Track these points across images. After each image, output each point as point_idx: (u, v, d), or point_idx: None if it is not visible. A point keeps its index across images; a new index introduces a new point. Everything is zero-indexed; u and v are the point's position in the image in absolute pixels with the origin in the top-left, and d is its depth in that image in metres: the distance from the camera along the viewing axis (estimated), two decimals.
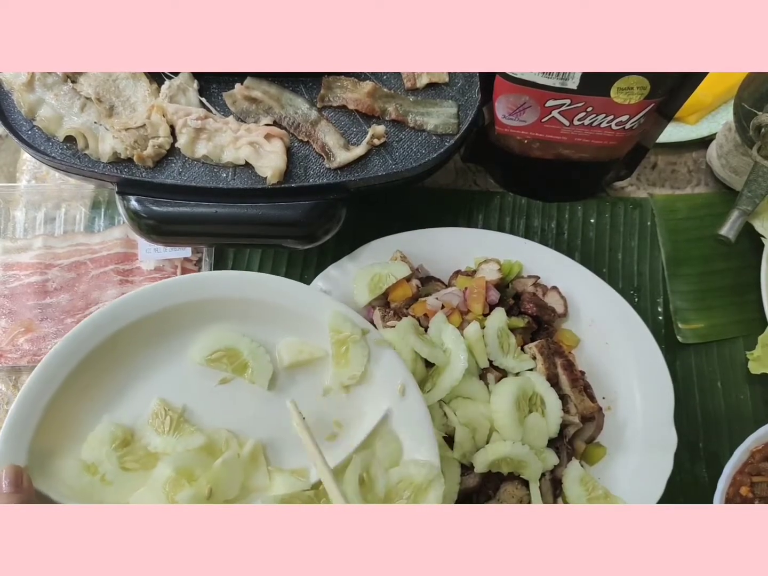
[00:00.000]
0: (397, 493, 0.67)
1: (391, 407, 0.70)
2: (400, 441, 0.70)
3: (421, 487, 0.67)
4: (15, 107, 0.77)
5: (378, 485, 0.67)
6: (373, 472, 0.68)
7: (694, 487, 0.85)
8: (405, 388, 0.70)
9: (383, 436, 0.70)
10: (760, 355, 0.87)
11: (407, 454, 0.69)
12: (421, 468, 0.67)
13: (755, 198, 0.82)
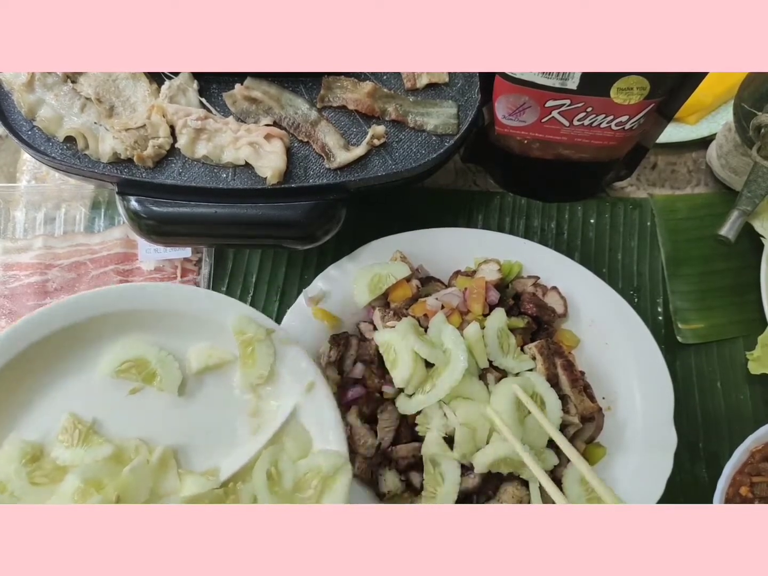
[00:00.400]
0: (306, 483, 0.69)
1: (299, 402, 0.72)
2: (310, 434, 0.72)
3: (328, 476, 0.69)
4: (15, 107, 0.77)
5: (286, 478, 0.69)
6: (282, 465, 0.69)
7: (694, 487, 0.85)
8: (313, 385, 0.72)
9: (292, 431, 0.72)
10: (759, 355, 0.87)
11: (317, 446, 0.71)
12: (327, 457, 0.69)
13: (755, 198, 0.82)
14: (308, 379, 0.72)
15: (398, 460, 0.76)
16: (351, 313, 0.84)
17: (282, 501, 0.68)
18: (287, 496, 0.68)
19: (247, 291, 0.92)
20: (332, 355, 0.80)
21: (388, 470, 0.77)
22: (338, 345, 0.80)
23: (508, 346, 0.79)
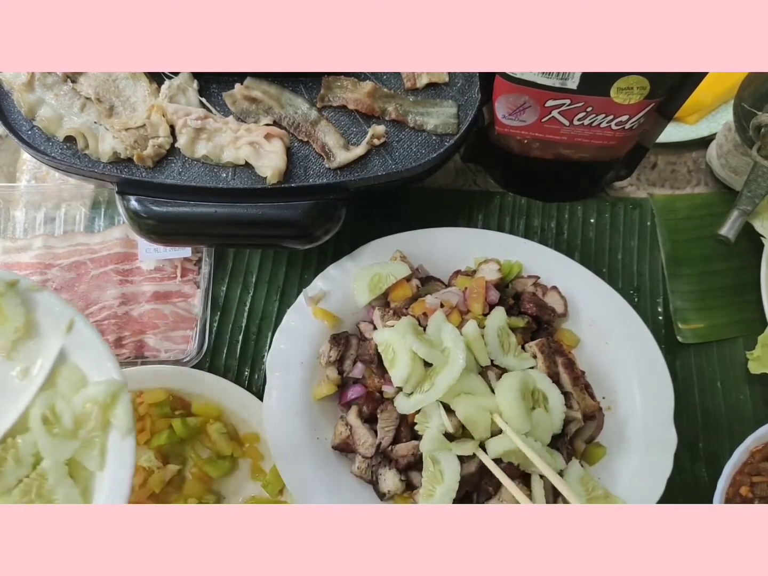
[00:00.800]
0: (85, 417, 0.68)
1: (64, 344, 0.70)
2: (83, 371, 0.70)
3: (106, 404, 0.67)
4: (15, 107, 0.77)
5: (65, 418, 0.67)
6: (58, 407, 0.68)
7: (694, 487, 0.85)
8: (73, 323, 0.70)
9: (63, 373, 0.70)
10: (759, 355, 0.87)
11: (92, 380, 0.70)
12: (100, 386, 0.68)
13: (755, 198, 0.82)
14: (66, 318, 0.70)
15: (398, 459, 0.76)
16: (351, 313, 0.84)
17: (65, 440, 0.67)
18: (69, 434, 0.67)
19: (247, 290, 0.92)
20: (332, 355, 0.80)
21: (388, 470, 0.77)
22: (338, 345, 0.80)
23: (508, 345, 0.79)
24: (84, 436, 0.67)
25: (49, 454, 0.65)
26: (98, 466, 0.67)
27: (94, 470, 0.67)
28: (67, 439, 0.67)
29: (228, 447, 0.82)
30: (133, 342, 0.88)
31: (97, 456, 0.67)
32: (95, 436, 0.67)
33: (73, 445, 0.67)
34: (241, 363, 0.90)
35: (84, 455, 0.67)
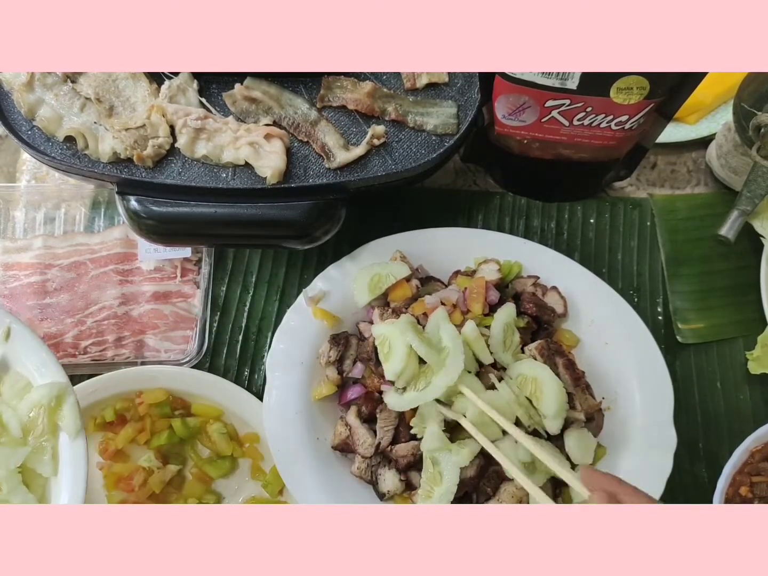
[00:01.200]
0: (33, 423, 0.68)
1: (4, 352, 0.70)
2: (26, 377, 0.70)
3: (51, 407, 0.67)
4: (15, 107, 0.77)
5: (12, 426, 0.67)
6: (5, 416, 0.68)
7: (693, 487, 0.85)
8: (9, 329, 0.69)
9: (6, 381, 0.70)
10: (759, 355, 0.87)
11: (35, 384, 0.69)
12: (44, 389, 0.67)
13: (755, 198, 0.82)
14: (2, 325, 0.69)
15: (398, 459, 0.76)
16: (351, 313, 0.84)
17: (15, 448, 0.66)
18: (18, 442, 0.67)
19: (247, 290, 0.92)
20: (332, 355, 0.80)
21: (388, 470, 0.77)
22: (338, 345, 0.80)
23: (510, 343, 0.79)
24: (33, 442, 0.67)
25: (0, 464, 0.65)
26: (52, 471, 0.66)
27: (48, 476, 0.67)
28: (16, 447, 0.66)
29: (228, 447, 0.82)
30: (133, 342, 0.88)
31: (49, 461, 0.66)
32: (44, 440, 0.67)
33: (22, 452, 0.66)
34: (241, 363, 0.90)
35: (36, 461, 0.67)
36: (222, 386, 0.83)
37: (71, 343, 0.87)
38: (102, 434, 0.83)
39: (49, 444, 0.67)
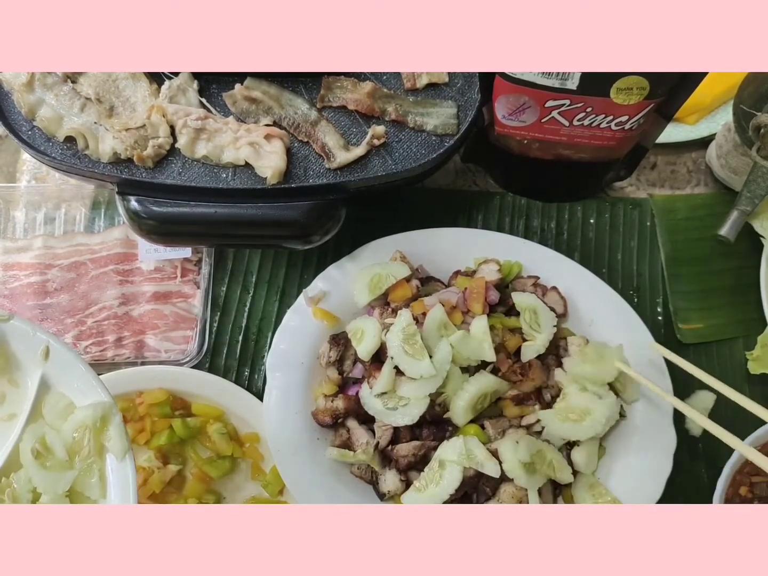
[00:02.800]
0: (78, 445, 0.65)
1: (44, 372, 0.67)
2: (68, 397, 0.68)
3: (97, 427, 0.65)
4: (15, 107, 0.77)
5: (56, 449, 0.65)
6: (49, 439, 0.66)
7: (693, 487, 0.85)
8: (48, 349, 0.67)
9: (49, 402, 0.68)
10: (759, 355, 0.87)
11: (79, 404, 0.67)
12: (88, 410, 0.65)
13: (754, 198, 0.82)
14: (41, 345, 0.67)
15: (398, 459, 0.76)
16: (351, 313, 0.84)
17: (61, 471, 0.64)
18: (64, 465, 0.65)
19: (247, 291, 0.92)
20: (332, 356, 0.80)
21: (388, 470, 0.77)
22: (338, 345, 0.80)
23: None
24: (80, 464, 0.65)
25: (47, 489, 0.63)
26: (100, 494, 0.64)
27: (97, 498, 0.65)
28: (62, 471, 0.64)
29: (228, 447, 0.82)
30: (133, 342, 0.88)
31: (97, 483, 0.65)
32: (91, 462, 0.65)
33: (69, 475, 0.64)
34: (241, 363, 0.90)
35: (83, 484, 0.65)
36: (222, 386, 0.83)
37: (71, 344, 0.87)
38: None
39: (96, 466, 0.65)
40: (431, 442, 0.76)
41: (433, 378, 0.73)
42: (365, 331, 0.79)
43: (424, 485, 0.74)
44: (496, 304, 0.81)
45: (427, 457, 0.76)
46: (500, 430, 0.76)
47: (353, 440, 0.78)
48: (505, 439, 0.74)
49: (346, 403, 0.78)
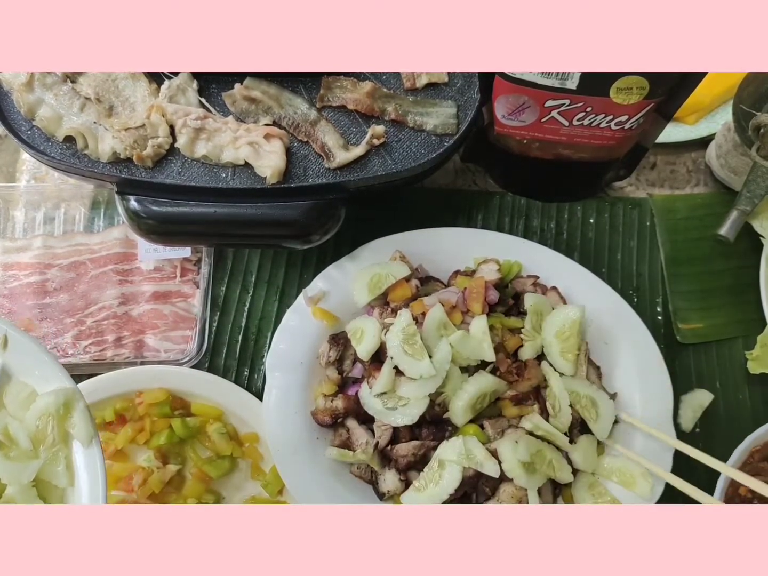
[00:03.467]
0: (42, 434, 0.64)
1: (3, 361, 0.66)
2: (30, 386, 0.66)
3: (60, 414, 0.63)
4: (14, 107, 0.77)
5: (20, 439, 0.64)
6: (12, 429, 0.64)
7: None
8: (6, 338, 0.65)
9: (10, 391, 0.66)
10: (759, 354, 0.87)
11: (41, 392, 0.66)
12: (50, 396, 0.64)
13: (754, 198, 0.82)
14: (1, 334, 0.65)
15: (398, 459, 0.76)
16: (350, 313, 0.84)
17: (25, 461, 0.63)
18: (29, 454, 0.63)
19: (247, 290, 0.92)
20: (332, 355, 0.80)
21: (388, 470, 0.77)
22: (337, 345, 0.80)
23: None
24: (45, 453, 0.64)
25: (11, 479, 0.62)
26: (68, 482, 0.63)
27: (65, 486, 0.64)
28: (27, 461, 0.63)
29: (228, 447, 0.82)
30: (132, 342, 0.88)
31: (64, 471, 0.64)
32: (57, 450, 0.64)
33: (34, 465, 0.63)
34: (241, 363, 0.90)
35: (50, 473, 0.64)
36: (222, 386, 0.83)
37: (71, 343, 0.87)
38: (101, 434, 0.83)
39: (62, 454, 0.64)
40: (431, 442, 0.76)
41: (432, 378, 0.73)
42: (365, 330, 0.79)
43: (424, 485, 0.74)
44: (495, 304, 0.81)
45: (426, 457, 0.76)
46: (499, 430, 0.76)
47: (353, 440, 0.78)
48: (505, 439, 0.74)
49: (345, 403, 0.78)
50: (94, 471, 0.63)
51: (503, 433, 0.76)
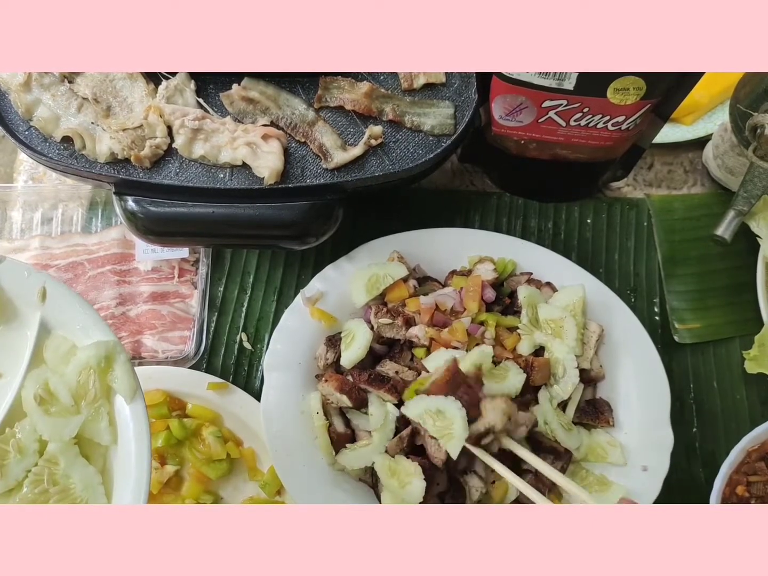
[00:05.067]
0: (84, 388, 0.62)
1: (43, 315, 0.64)
2: (70, 339, 0.64)
3: (101, 368, 0.61)
4: (12, 108, 0.77)
5: (61, 394, 0.62)
6: (52, 384, 0.62)
7: (690, 487, 0.85)
8: (44, 290, 0.63)
9: (50, 346, 0.64)
10: (756, 354, 0.87)
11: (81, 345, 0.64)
12: (90, 349, 0.61)
13: (751, 198, 0.82)
14: (37, 287, 0.63)
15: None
16: (348, 313, 0.84)
17: (67, 417, 0.61)
18: (70, 410, 0.61)
19: (245, 291, 0.92)
20: (329, 357, 0.80)
21: None
22: (334, 346, 0.80)
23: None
24: (86, 409, 0.61)
25: (53, 436, 0.60)
26: (111, 439, 0.61)
27: (108, 444, 0.61)
28: (68, 416, 0.61)
29: (222, 451, 0.82)
30: (130, 342, 0.88)
31: (106, 428, 0.61)
32: (99, 406, 0.61)
33: (76, 420, 0.61)
34: (239, 363, 0.90)
35: (92, 430, 0.61)
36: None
37: None
38: None
39: (104, 409, 0.61)
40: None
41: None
42: (356, 336, 0.79)
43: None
44: (492, 303, 0.82)
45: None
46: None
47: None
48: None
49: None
50: (140, 427, 0.60)
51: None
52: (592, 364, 0.81)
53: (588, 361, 0.81)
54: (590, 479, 0.78)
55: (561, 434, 0.76)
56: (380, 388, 0.75)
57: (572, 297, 0.82)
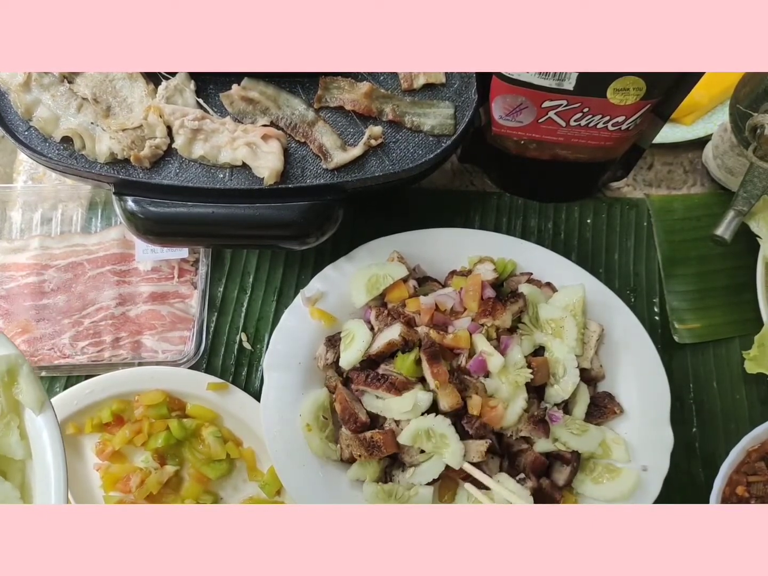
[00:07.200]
0: None
1: None
2: None
3: (4, 382, 0.60)
4: (11, 108, 0.77)
5: None
6: None
7: (690, 487, 0.85)
8: None
9: None
10: (756, 354, 0.87)
11: None
12: None
13: (751, 198, 0.82)
14: None
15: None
16: (348, 313, 0.84)
17: None
18: None
19: (245, 291, 0.92)
20: (329, 357, 0.80)
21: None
22: (334, 347, 0.80)
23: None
24: None
25: None
26: (25, 453, 0.60)
27: (22, 458, 0.60)
28: None
29: (222, 451, 0.82)
30: (130, 343, 0.88)
31: (18, 442, 0.60)
32: (8, 421, 0.60)
33: None
34: (239, 364, 0.90)
35: (3, 446, 0.60)
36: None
37: (68, 344, 0.87)
38: (99, 435, 0.83)
39: (14, 423, 0.61)
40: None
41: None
42: (355, 337, 0.79)
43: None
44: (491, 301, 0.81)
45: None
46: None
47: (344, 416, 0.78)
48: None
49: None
50: (51, 438, 0.60)
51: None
52: (592, 364, 0.82)
53: (588, 360, 0.81)
54: (599, 470, 0.78)
55: (574, 443, 0.77)
56: (378, 387, 0.75)
57: (572, 297, 0.82)
